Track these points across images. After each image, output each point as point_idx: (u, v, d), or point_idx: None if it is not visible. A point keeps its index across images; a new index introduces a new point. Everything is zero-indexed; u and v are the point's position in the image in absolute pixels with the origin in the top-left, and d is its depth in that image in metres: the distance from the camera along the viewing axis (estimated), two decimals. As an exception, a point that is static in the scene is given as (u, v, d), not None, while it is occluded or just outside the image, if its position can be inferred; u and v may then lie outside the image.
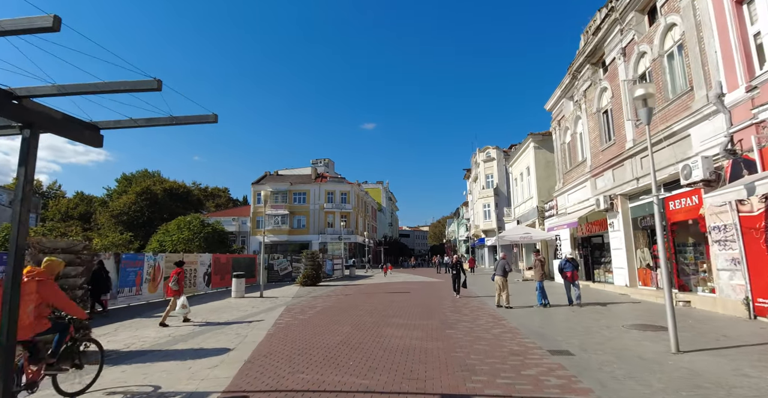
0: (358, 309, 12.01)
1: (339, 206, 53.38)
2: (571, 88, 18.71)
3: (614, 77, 14.73)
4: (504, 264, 11.99)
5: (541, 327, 8.49)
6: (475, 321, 9.36)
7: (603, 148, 15.70)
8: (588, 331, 7.97)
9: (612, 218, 14.95)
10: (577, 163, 18.59)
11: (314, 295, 16.56)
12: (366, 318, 10.08)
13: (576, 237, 19.21)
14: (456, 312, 10.85)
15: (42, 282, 4.37)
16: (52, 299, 4.45)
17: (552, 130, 21.95)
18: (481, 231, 48.06)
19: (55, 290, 4.52)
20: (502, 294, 11.68)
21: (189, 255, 17.94)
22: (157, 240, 32.88)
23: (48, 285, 4.43)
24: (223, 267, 20.07)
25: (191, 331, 9.05)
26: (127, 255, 14.32)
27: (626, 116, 13.70)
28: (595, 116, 16.38)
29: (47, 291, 4.39)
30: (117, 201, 62.97)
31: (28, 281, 4.22)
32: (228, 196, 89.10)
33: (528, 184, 27.18)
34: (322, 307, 12.59)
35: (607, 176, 15.27)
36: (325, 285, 22.13)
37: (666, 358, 5.91)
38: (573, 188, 18.80)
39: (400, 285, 22.09)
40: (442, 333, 8.09)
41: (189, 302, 12.53)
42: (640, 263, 13.91)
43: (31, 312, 4.24)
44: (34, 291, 4.27)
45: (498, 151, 47.78)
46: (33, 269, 4.42)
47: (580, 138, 18.44)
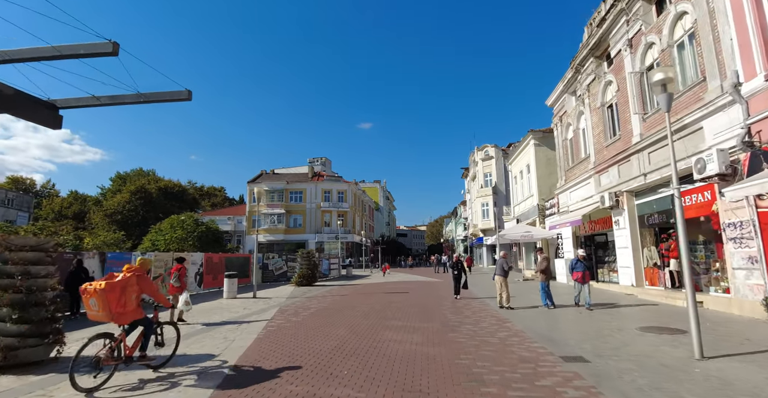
0: (355, 310, 11.46)
1: (336, 205, 52.77)
2: (574, 83, 18.22)
3: (620, 70, 14.23)
4: (503, 263, 11.47)
5: (549, 330, 7.97)
6: (478, 324, 8.83)
7: (608, 143, 15.21)
8: (600, 335, 7.46)
9: (617, 215, 14.46)
10: (579, 159, 18.10)
11: (309, 296, 16.00)
12: (362, 321, 9.53)
13: (578, 235, 18.72)
14: (457, 314, 10.32)
15: (140, 276, 5.37)
16: (146, 290, 5.46)
17: (553, 126, 21.46)
18: (480, 231, 47.60)
19: (149, 282, 5.55)
20: (502, 294, 11.17)
21: (178, 254, 17.31)
22: (150, 239, 32.19)
23: (143, 278, 5.43)
24: (215, 267, 19.47)
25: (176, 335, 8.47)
26: (112, 255, 13.72)
27: (633, 110, 13.20)
28: (600, 111, 15.89)
29: (143, 284, 5.39)
30: (111, 201, 62.31)
31: (130, 276, 5.24)
32: (224, 195, 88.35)
33: (528, 182, 26.69)
34: (317, 308, 12.04)
35: (612, 172, 14.78)
36: (321, 285, 21.56)
37: (691, 365, 5.40)
38: (576, 185, 18.31)
39: (398, 285, 21.55)
40: (444, 336, 7.55)
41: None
42: (647, 262, 13.43)
43: (134, 301, 5.25)
44: (134, 283, 5.25)
45: (496, 150, 47.33)
46: (131, 266, 5.47)
47: (583, 134, 17.95)
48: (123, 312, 5.07)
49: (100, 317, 5.04)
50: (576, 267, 10.80)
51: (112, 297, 4.94)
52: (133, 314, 5.25)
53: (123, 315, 5.09)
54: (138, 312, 5.36)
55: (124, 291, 5.08)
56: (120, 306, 5.02)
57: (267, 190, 51.67)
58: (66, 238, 34.40)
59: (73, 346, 7.36)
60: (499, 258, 11.69)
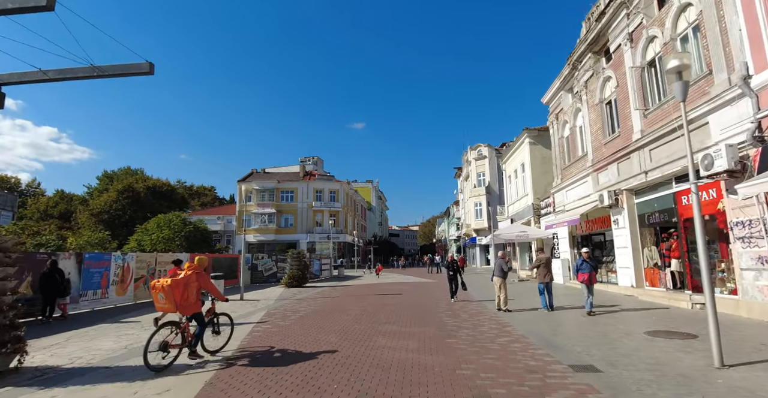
0: (346, 313, 10.91)
1: (328, 204, 52.10)
2: (571, 79, 17.86)
3: (619, 65, 13.87)
4: (502, 264, 11.00)
5: (553, 335, 7.50)
6: (477, 328, 8.33)
7: (606, 140, 14.84)
8: (607, 340, 7.01)
9: (616, 215, 14.09)
10: (576, 157, 17.74)
11: (299, 298, 15.41)
12: (354, 325, 8.99)
13: (575, 235, 18.37)
14: (453, 317, 9.83)
15: (198, 273, 6.11)
16: (204, 285, 6.18)
17: (549, 124, 21.11)
18: (473, 231, 47.28)
19: (206, 279, 6.26)
20: (500, 295, 10.70)
21: (163, 254, 16.64)
22: (136, 239, 31.31)
23: (201, 275, 6.16)
24: (202, 268, 18.78)
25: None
26: (90, 255, 13.01)
27: (633, 105, 12.83)
28: (598, 108, 15.53)
29: (201, 280, 6.13)
30: (97, 200, 61.00)
31: (191, 273, 5.99)
32: (214, 194, 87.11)
33: (523, 181, 26.34)
34: (307, 312, 11.47)
35: (611, 170, 14.41)
36: (312, 287, 20.96)
37: (712, 375, 4.95)
38: (572, 184, 17.95)
39: (390, 286, 21.04)
40: (442, 343, 7.04)
41: None
42: (647, 262, 13.06)
43: (195, 295, 6.02)
44: (194, 280, 6.01)
45: (490, 149, 47.07)
46: (191, 265, 6.16)
47: (581, 131, 17.60)
48: (186, 304, 5.91)
49: (167, 309, 5.89)
50: (582, 268, 9.93)
51: (177, 292, 5.79)
52: (193, 307, 6.06)
53: (186, 307, 5.93)
54: (197, 306, 6.16)
55: (186, 287, 5.91)
56: (183, 299, 5.86)
57: (257, 189, 50.94)
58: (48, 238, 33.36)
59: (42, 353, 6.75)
60: (497, 258, 11.20)
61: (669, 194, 11.72)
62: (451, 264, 13.28)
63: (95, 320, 10.89)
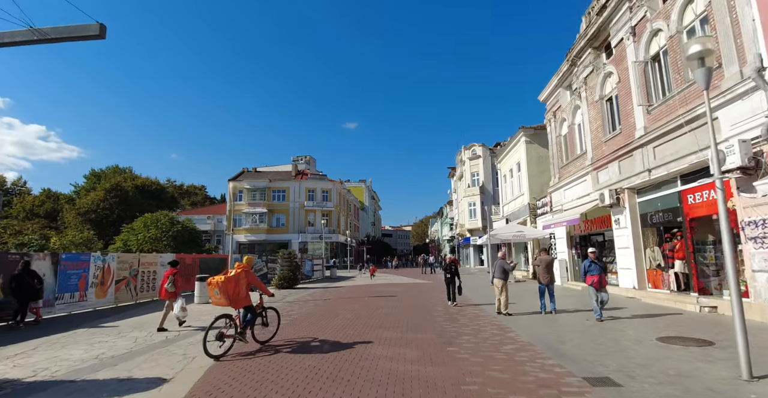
0: (339, 318, 10.34)
1: (320, 204, 51.40)
2: (570, 76, 17.46)
3: (621, 60, 13.47)
4: (503, 265, 10.49)
5: (560, 343, 7.01)
6: (479, 334, 7.82)
7: (606, 138, 14.45)
8: (619, 347, 6.54)
9: (617, 214, 13.69)
10: (575, 155, 17.35)
11: (290, 300, 14.81)
12: (348, 331, 8.43)
13: (573, 235, 17.98)
14: (452, 322, 9.31)
15: (247, 271, 6.88)
16: (252, 282, 6.94)
17: (546, 122, 20.72)
18: (467, 231, 46.91)
19: (253, 276, 7.02)
20: (501, 298, 10.21)
21: (146, 255, 15.91)
22: (122, 239, 30.41)
23: (249, 273, 6.92)
24: (188, 269, 18.05)
25: (129, 350, 7.24)
26: (67, 255, 12.28)
27: (636, 101, 12.42)
28: (598, 104, 15.13)
29: (249, 277, 6.89)
30: (84, 199, 59.73)
31: (240, 271, 6.77)
32: (205, 193, 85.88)
33: (518, 181, 25.96)
34: (296, 316, 10.88)
35: (612, 169, 14.02)
36: (303, 288, 20.36)
37: (743, 390, 4.48)
38: (570, 183, 17.55)
39: (384, 287, 20.49)
40: (443, 351, 6.51)
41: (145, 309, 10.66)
42: (650, 263, 12.68)
43: (245, 290, 6.78)
44: (243, 277, 6.77)
45: (484, 149, 46.71)
46: (240, 264, 6.95)
47: (579, 129, 17.21)
48: (237, 298, 6.67)
49: (222, 302, 6.64)
50: (590, 270, 9.15)
51: (230, 287, 6.56)
52: (244, 301, 6.81)
53: (237, 301, 6.69)
54: (248, 299, 6.89)
55: (237, 283, 6.68)
56: (235, 293, 6.61)
57: (248, 188, 50.09)
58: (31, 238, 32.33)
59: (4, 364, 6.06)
60: (497, 258, 10.69)
61: (673, 193, 11.33)
62: (449, 266, 12.51)
63: (71, 325, 10.21)
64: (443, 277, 12.59)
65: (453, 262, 12.52)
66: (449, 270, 12.35)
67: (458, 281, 12.24)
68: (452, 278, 12.22)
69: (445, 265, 12.67)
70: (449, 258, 12.89)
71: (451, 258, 12.80)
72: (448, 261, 12.66)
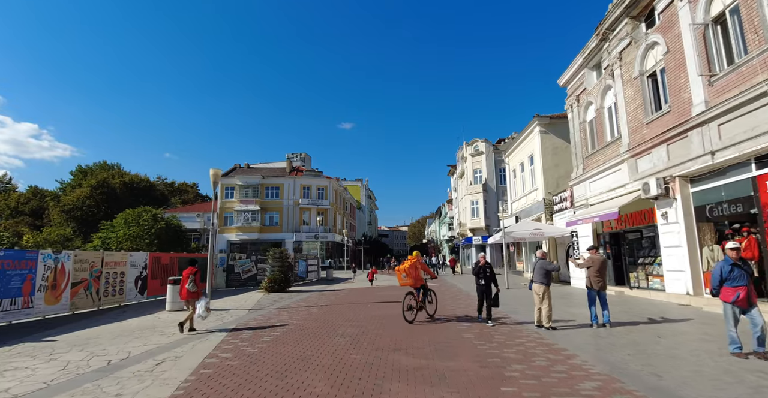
0: (338, 333, 8.22)
1: (315, 202, 49.17)
2: (598, 53, 15.46)
3: (670, 27, 11.48)
4: (545, 265, 8.39)
5: (656, 375, 4.93)
6: (532, 361, 5.74)
7: (649, 119, 12.45)
8: (738, 380, 4.48)
9: (665, 207, 11.69)
10: (604, 143, 15.34)
11: (279, 306, 12.67)
12: (351, 355, 6.31)
13: (601, 233, 15.99)
14: (486, 340, 7.23)
15: (418, 260, 9.51)
16: (423, 268, 9.63)
17: (567, 108, 18.72)
18: (468, 230, 44.90)
19: (423, 264, 9.77)
20: (542, 309, 8.14)
21: (112, 253, 13.68)
22: (100, 237, 28.06)
23: (421, 262, 9.60)
24: (164, 270, 15.86)
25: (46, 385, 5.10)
26: (6, 253, 10.06)
27: (696, 72, 10.41)
28: (637, 82, 13.13)
29: (421, 265, 9.56)
30: (70, 196, 57.25)
31: (415, 260, 9.40)
32: (196, 191, 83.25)
33: (531, 175, 23.94)
34: (286, 329, 8.75)
35: (658, 154, 12.02)
36: (297, 291, 18.21)
37: None
38: (599, 174, 15.55)
39: (387, 291, 18.39)
40: (495, 393, 4.42)
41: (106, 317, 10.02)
42: (707, 265, 10.67)
43: (420, 274, 9.42)
44: (418, 265, 9.41)
45: (487, 145, 44.74)
46: (412, 257, 9.54)
47: (610, 112, 15.22)
48: (417, 279, 9.34)
49: (408, 283, 9.33)
50: (733, 278, 5.64)
51: (413, 272, 9.27)
52: (421, 281, 9.43)
53: (417, 281, 9.34)
54: (422, 280, 9.49)
55: (416, 269, 9.34)
56: (416, 276, 9.31)
57: (240, 184, 47.85)
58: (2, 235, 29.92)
59: None
60: (537, 258, 8.59)
61: (745, 179, 9.35)
62: (483, 269, 9.08)
63: (5, 339, 8.05)
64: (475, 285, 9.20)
65: (487, 265, 9.16)
66: (483, 274, 9.02)
67: (495, 289, 9.06)
68: (487, 286, 8.98)
69: (477, 269, 9.20)
70: (482, 260, 9.29)
71: (483, 258, 9.31)
72: (482, 263, 9.19)
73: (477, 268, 9.21)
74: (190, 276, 8.73)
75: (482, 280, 8.99)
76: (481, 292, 9.05)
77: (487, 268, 9.05)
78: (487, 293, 8.95)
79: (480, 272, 9.07)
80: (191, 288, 8.65)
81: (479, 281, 9.06)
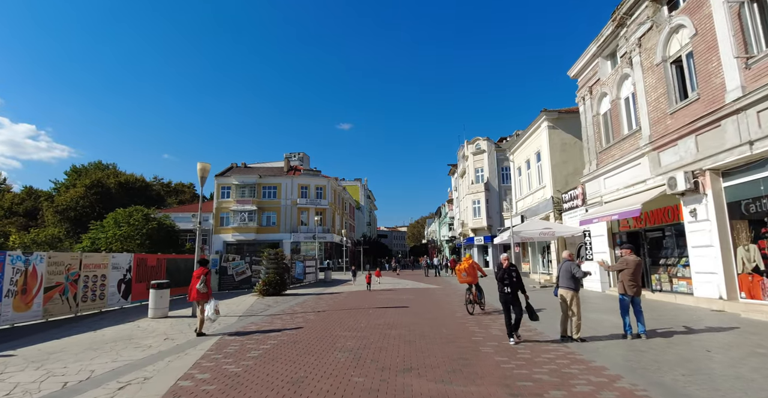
0: (336, 347, 7.21)
1: (314, 202, 48.11)
2: (614, 40, 14.51)
3: (698, 7, 10.51)
4: (571, 268, 7.36)
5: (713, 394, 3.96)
6: (571, 385, 4.75)
7: (674, 109, 11.49)
8: None
9: (693, 203, 10.73)
10: (621, 136, 14.38)
11: (272, 312, 11.65)
12: (353, 377, 5.30)
13: (617, 232, 15.02)
14: (509, 356, 6.23)
15: (474, 262, 11.12)
16: (477, 268, 11.01)
17: (579, 100, 17.75)
18: (470, 230, 43.93)
19: (479, 265, 11.25)
20: (572, 317, 7.14)
21: (91, 255, 12.61)
22: (90, 237, 27.04)
23: (476, 263, 11.13)
24: (151, 272, 14.83)
25: None
26: (-35, 255, 9.06)
27: (730, 54, 9.44)
28: (659, 69, 12.17)
29: (477, 266, 11.03)
30: (64, 196, 56.27)
31: (472, 261, 11.05)
32: (193, 191, 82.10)
33: (538, 172, 22.98)
34: (278, 341, 7.74)
35: (685, 146, 11.05)
36: (293, 294, 17.19)
37: None
38: (615, 169, 14.58)
39: (390, 294, 17.40)
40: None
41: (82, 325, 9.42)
42: (743, 266, 9.71)
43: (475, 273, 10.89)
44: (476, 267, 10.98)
45: (489, 143, 43.79)
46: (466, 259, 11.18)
47: (627, 103, 14.27)
48: (475, 277, 10.79)
49: (468, 280, 10.74)
50: None
51: (471, 271, 10.77)
52: (476, 279, 10.82)
53: (475, 278, 10.78)
54: (477, 278, 10.89)
55: (473, 268, 10.85)
56: (474, 275, 10.77)
57: (237, 184, 46.84)
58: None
59: None
60: (563, 260, 7.57)
61: (790, 171, 8.38)
62: (507, 272, 7.16)
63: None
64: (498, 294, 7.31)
65: (512, 268, 7.24)
66: (508, 279, 7.11)
67: (525, 299, 7.25)
68: (513, 294, 7.08)
69: (501, 273, 7.26)
70: (505, 262, 7.38)
71: (506, 259, 7.48)
72: (505, 266, 7.28)
73: (501, 272, 7.22)
74: (201, 277, 8.55)
75: (508, 287, 7.04)
76: (507, 303, 7.08)
77: (512, 272, 7.15)
78: (514, 304, 7.05)
79: (505, 277, 7.11)
80: (202, 289, 8.46)
81: (504, 288, 7.06)
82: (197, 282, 8.49)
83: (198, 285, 8.46)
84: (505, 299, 7.11)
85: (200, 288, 8.45)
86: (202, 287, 8.47)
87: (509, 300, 7.07)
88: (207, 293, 8.56)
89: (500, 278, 7.23)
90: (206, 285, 8.57)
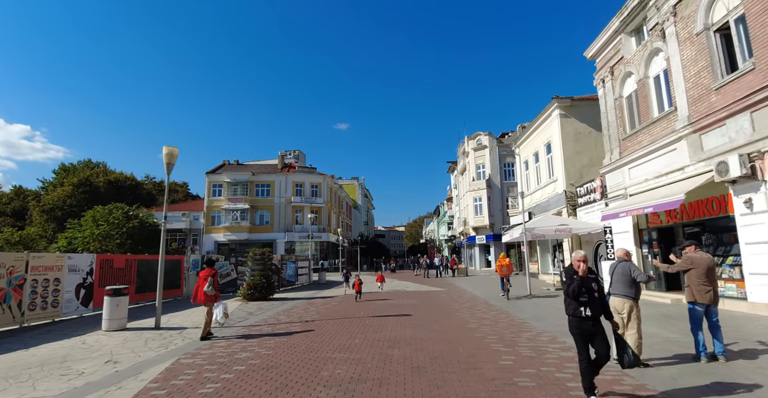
0: (321, 380, 5.48)
1: (309, 200, 46.34)
2: (642, 11, 12.87)
3: (754, -40, 8.87)
4: (629, 270, 5.59)
5: None
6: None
7: (720, 83, 9.85)
8: None
9: (748, 192, 9.09)
10: (651, 119, 12.74)
11: (251, 323, 9.93)
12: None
13: (645, 228, 13.39)
14: (558, 391, 4.55)
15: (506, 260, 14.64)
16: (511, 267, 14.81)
17: (597, 83, 16.09)
18: (471, 229, 42.24)
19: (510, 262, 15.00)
20: (632, 334, 5.44)
21: (40, 255, 10.79)
22: (66, 237, 25.22)
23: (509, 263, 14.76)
24: (118, 275, 13.04)
25: None
26: None
27: (802, 9, 7.81)
28: (701, 38, 10.53)
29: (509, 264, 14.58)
30: (51, 195, 54.42)
31: (509, 260, 14.82)
32: (186, 190, 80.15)
33: (548, 165, 21.33)
34: (246, 368, 6.01)
35: (736, 125, 9.41)
36: (281, 299, 15.47)
37: None
38: (643, 157, 12.94)
39: (389, 298, 15.69)
40: None
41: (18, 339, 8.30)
42: (814, 267, 8.08)
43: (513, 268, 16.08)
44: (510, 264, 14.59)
45: (491, 138, 42.13)
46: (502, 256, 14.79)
47: (657, 82, 12.63)
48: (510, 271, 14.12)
49: (506, 274, 13.99)
50: None
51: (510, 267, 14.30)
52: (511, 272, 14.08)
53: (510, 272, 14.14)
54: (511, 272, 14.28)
55: (510, 265, 14.24)
56: (511, 268, 14.28)
57: (229, 181, 45.07)
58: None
59: None
60: (617, 260, 5.89)
61: None
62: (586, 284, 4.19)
63: None
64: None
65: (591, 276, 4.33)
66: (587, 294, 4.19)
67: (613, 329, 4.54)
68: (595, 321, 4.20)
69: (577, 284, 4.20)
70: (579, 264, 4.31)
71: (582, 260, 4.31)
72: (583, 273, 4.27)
73: (577, 283, 4.18)
74: (208, 279, 8.25)
75: (588, 309, 4.14)
76: (585, 335, 4.19)
77: (593, 282, 4.25)
78: (596, 337, 4.15)
79: (583, 291, 4.17)
80: (209, 291, 8.18)
81: (582, 310, 4.16)
82: (204, 284, 8.19)
83: (205, 288, 8.16)
84: (582, 329, 4.18)
85: (208, 290, 8.16)
86: (210, 289, 8.17)
87: (590, 329, 4.16)
88: (215, 295, 8.32)
89: (575, 292, 4.15)
90: (214, 288, 8.26)
